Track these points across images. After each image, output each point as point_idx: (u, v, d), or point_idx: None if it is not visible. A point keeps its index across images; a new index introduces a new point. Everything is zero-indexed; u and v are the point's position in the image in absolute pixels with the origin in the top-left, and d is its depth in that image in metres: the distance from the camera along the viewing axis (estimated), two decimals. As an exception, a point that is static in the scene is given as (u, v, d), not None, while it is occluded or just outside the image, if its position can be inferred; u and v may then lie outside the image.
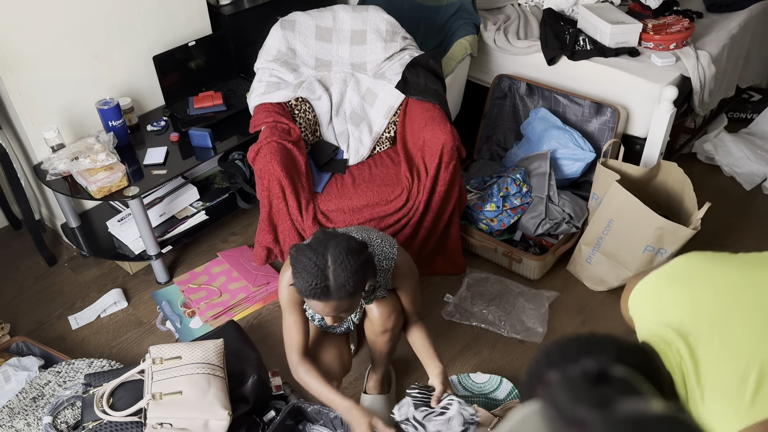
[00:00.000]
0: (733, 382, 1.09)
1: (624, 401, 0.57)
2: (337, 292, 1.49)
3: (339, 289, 1.49)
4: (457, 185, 2.35)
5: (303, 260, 1.49)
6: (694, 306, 1.20)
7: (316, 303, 1.53)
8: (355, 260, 1.49)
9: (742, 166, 3.02)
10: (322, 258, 1.48)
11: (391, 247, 1.75)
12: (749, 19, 2.93)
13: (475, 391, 2.10)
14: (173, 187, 2.72)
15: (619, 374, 0.61)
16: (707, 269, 1.26)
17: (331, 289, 1.49)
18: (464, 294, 2.46)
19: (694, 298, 1.21)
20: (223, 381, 1.91)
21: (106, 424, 1.84)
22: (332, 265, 1.48)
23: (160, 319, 2.43)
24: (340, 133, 2.56)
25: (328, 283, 1.48)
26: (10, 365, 2.14)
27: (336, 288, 1.49)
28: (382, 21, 2.53)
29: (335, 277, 1.48)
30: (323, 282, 1.48)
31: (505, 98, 2.89)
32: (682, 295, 1.23)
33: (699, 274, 1.25)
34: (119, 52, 2.62)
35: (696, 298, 1.21)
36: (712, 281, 1.22)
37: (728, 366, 1.11)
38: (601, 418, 0.55)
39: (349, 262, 1.48)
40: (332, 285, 1.48)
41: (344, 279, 1.48)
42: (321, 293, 1.49)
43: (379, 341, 1.86)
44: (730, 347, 1.13)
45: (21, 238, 2.83)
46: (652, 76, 2.53)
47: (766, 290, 1.19)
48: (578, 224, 2.53)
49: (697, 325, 1.16)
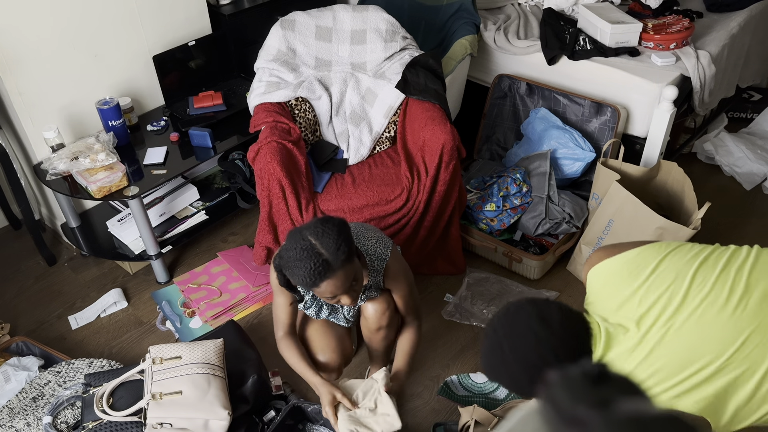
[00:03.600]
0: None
1: (624, 401, 0.57)
2: (336, 260, 1.49)
3: (336, 256, 1.49)
4: (457, 185, 2.35)
5: (290, 255, 1.51)
6: (632, 304, 1.34)
7: (326, 285, 1.52)
8: (331, 224, 1.52)
9: (742, 165, 3.02)
10: (303, 241, 1.50)
11: (385, 249, 1.76)
12: (749, 18, 2.93)
13: (474, 391, 2.10)
14: (173, 187, 2.72)
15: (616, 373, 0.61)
16: (668, 267, 1.36)
17: (330, 261, 1.49)
18: (464, 294, 2.46)
19: (637, 296, 1.35)
20: (223, 381, 1.91)
21: (106, 424, 1.84)
22: (317, 240, 1.50)
23: (160, 319, 2.43)
24: (340, 133, 2.56)
25: (324, 257, 1.49)
26: (10, 365, 2.14)
27: (333, 257, 1.49)
28: (382, 21, 2.53)
29: (326, 247, 1.49)
30: (318, 258, 1.48)
31: (505, 98, 2.89)
32: (627, 291, 1.37)
33: (656, 272, 1.36)
34: (119, 52, 2.62)
35: (638, 297, 1.34)
36: (663, 281, 1.34)
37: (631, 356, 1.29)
38: (601, 418, 0.55)
39: (328, 228, 1.51)
40: (329, 256, 1.49)
41: (334, 243, 1.49)
42: (324, 270, 1.49)
43: (375, 338, 1.87)
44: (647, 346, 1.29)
45: (21, 238, 2.83)
46: (652, 75, 2.53)
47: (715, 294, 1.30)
48: (578, 224, 2.53)
49: (627, 321, 1.34)
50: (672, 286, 1.32)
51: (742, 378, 1.24)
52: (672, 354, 1.27)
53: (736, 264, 1.33)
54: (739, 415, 1.26)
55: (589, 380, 0.59)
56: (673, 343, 1.27)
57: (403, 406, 2.10)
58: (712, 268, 1.33)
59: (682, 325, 1.28)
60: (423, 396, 2.11)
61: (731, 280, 1.30)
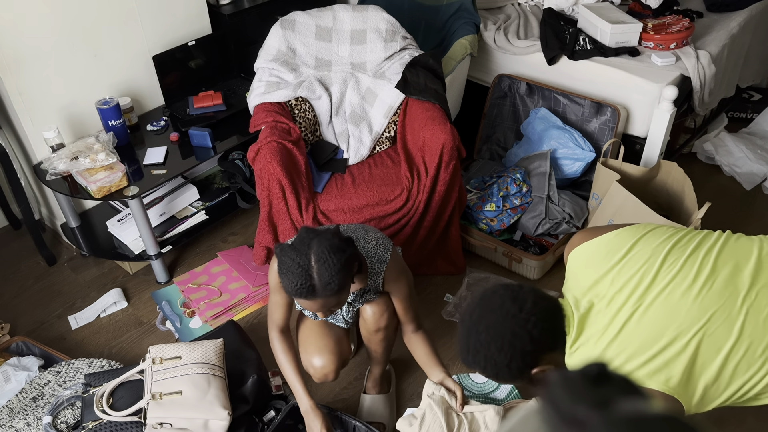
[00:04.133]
0: (594, 355, 1.32)
1: (624, 401, 0.57)
2: (323, 291, 1.49)
3: (324, 288, 1.48)
4: (457, 185, 2.35)
5: (287, 261, 1.49)
6: (605, 283, 1.40)
7: (303, 301, 1.53)
8: (338, 258, 1.48)
9: (742, 165, 3.02)
10: (305, 258, 1.48)
11: (385, 251, 1.75)
12: (749, 18, 2.93)
13: (474, 391, 2.10)
14: (173, 186, 2.72)
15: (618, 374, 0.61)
16: (642, 248, 1.41)
17: (317, 288, 1.48)
18: (464, 294, 2.46)
19: (609, 276, 1.40)
20: (223, 381, 1.91)
21: (106, 424, 1.84)
22: (315, 265, 1.47)
23: (159, 319, 2.43)
24: (340, 133, 2.56)
25: (313, 282, 1.48)
26: (10, 365, 2.14)
27: (321, 287, 1.48)
28: (382, 21, 2.53)
29: (319, 276, 1.47)
30: (308, 282, 1.47)
31: (505, 98, 2.89)
32: (601, 270, 1.42)
33: (630, 253, 1.41)
34: (119, 52, 2.62)
35: (611, 277, 1.40)
36: (635, 262, 1.40)
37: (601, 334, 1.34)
38: (601, 418, 0.55)
39: (332, 260, 1.48)
40: (317, 284, 1.48)
41: (328, 278, 1.47)
42: (307, 292, 1.49)
43: (374, 340, 1.86)
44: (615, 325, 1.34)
45: (21, 238, 2.83)
46: (652, 75, 2.53)
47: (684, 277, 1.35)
48: (578, 224, 2.53)
49: (599, 300, 1.39)
50: (644, 266, 1.38)
51: (708, 355, 1.28)
52: (640, 332, 1.31)
53: (705, 247, 1.40)
54: (709, 394, 1.30)
55: (589, 380, 0.59)
56: (641, 322, 1.32)
57: (403, 406, 2.10)
58: (683, 249, 1.39)
59: (650, 305, 1.33)
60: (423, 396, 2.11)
61: (699, 261, 1.36)
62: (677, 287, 1.34)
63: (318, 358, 1.85)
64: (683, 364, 1.27)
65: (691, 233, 1.44)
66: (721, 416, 1.97)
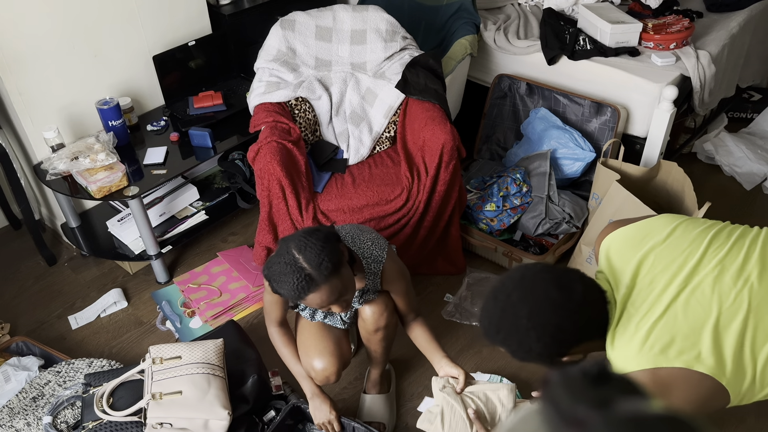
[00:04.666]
0: (639, 337, 1.27)
1: (624, 401, 0.57)
2: (320, 275, 1.47)
3: (319, 271, 1.47)
4: (457, 185, 2.35)
5: (275, 268, 1.50)
6: (646, 265, 1.37)
7: (312, 297, 1.51)
8: (316, 238, 1.50)
9: (742, 165, 3.02)
10: (287, 255, 1.49)
11: (381, 251, 1.75)
12: (749, 18, 2.93)
13: (475, 390, 2.10)
14: (173, 186, 2.72)
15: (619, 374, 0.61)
16: (683, 234, 1.40)
17: (314, 275, 1.47)
18: (464, 294, 2.46)
19: (650, 258, 1.38)
20: (223, 381, 1.91)
21: (106, 423, 1.84)
22: (299, 254, 1.48)
23: (160, 318, 2.43)
24: (340, 133, 2.56)
25: (307, 271, 1.47)
26: (10, 365, 2.14)
27: (316, 271, 1.47)
28: (382, 21, 2.53)
29: (308, 261, 1.47)
30: (302, 273, 1.47)
31: (505, 98, 2.89)
32: (640, 253, 1.39)
33: (671, 236, 1.40)
34: (119, 52, 2.62)
35: (652, 259, 1.38)
36: (678, 244, 1.38)
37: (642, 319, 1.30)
38: (601, 418, 0.55)
39: (311, 241, 1.49)
40: (311, 271, 1.47)
41: (317, 258, 1.47)
42: (307, 284, 1.48)
43: (373, 340, 1.86)
44: (654, 307, 1.31)
45: (21, 238, 2.83)
46: (652, 75, 2.53)
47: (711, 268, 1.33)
48: (578, 224, 2.53)
49: (640, 279, 1.36)
50: (689, 248, 1.36)
51: (759, 341, 1.25)
52: (688, 314, 1.28)
53: (750, 235, 1.39)
54: (757, 382, 1.25)
55: (589, 380, 0.59)
56: (689, 303, 1.29)
57: (403, 406, 2.10)
58: (728, 235, 1.38)
59: (697, 285, 1.30)
60: (423, 396, 2.11)
61: (746, 246, 1.35)
62: (726, 270, 1.31)
63: (319, 360, 1.83)
64: (731, 348, 1.24)
65: (730, 225, 1.43)
66: (721, 416, 1.97)
